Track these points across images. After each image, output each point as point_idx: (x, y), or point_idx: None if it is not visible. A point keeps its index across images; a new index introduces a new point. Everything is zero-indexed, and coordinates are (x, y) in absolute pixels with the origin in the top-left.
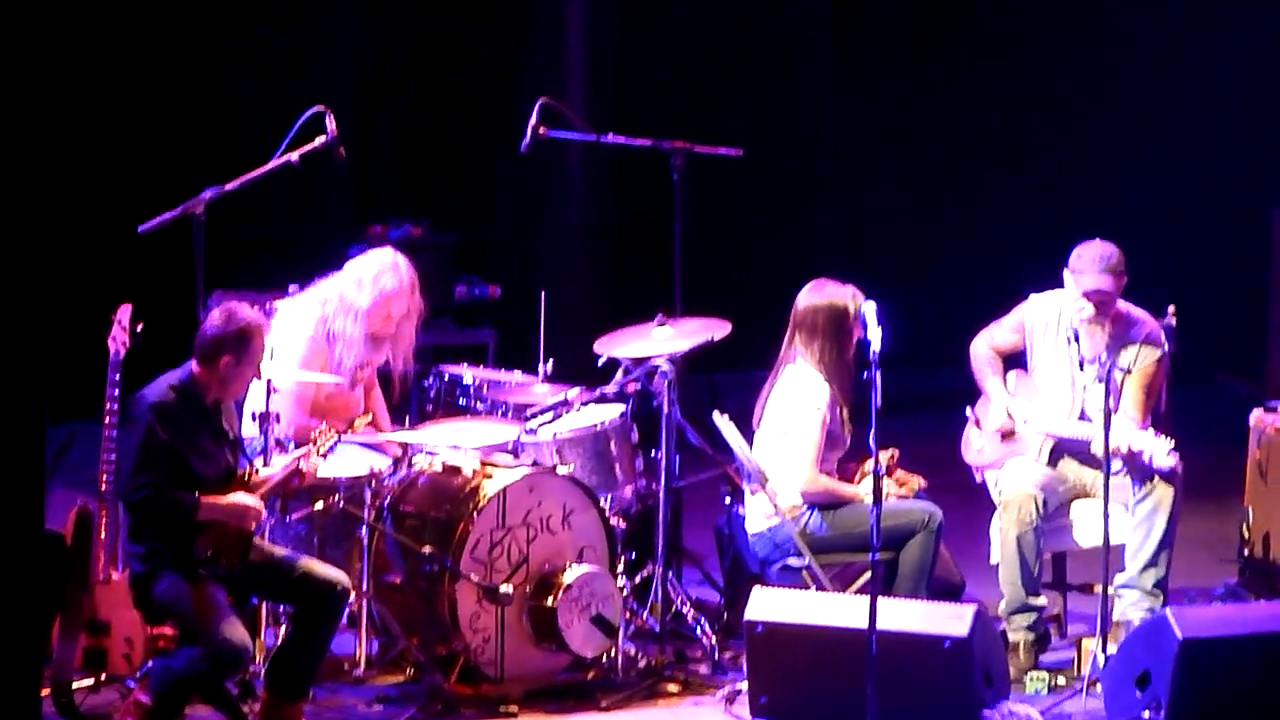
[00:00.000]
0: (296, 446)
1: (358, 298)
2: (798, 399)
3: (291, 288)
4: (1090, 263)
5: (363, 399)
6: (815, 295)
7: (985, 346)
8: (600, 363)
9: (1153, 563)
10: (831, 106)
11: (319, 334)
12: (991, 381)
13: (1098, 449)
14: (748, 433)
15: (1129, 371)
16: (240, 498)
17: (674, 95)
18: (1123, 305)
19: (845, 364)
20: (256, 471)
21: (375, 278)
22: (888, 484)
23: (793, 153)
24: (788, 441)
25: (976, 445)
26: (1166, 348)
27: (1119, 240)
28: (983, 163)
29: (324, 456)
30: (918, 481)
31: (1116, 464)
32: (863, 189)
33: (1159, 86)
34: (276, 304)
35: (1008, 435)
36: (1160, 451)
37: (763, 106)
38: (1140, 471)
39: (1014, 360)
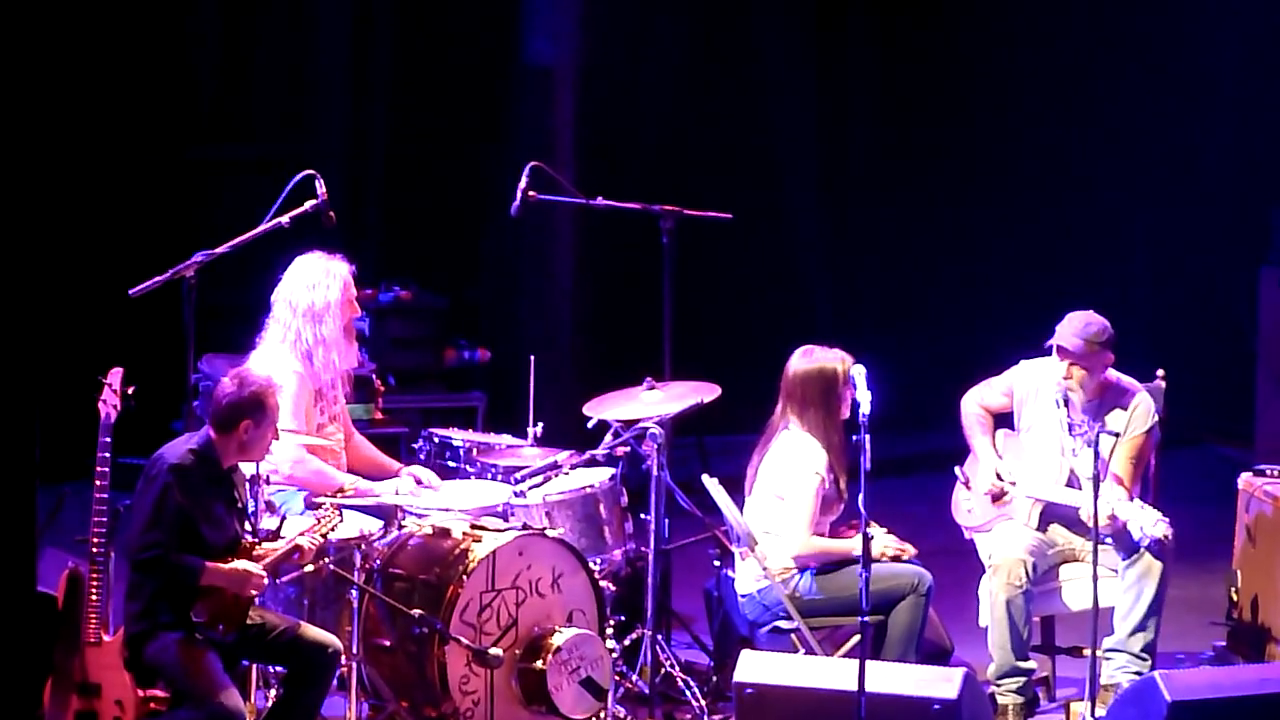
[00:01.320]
0: (307, 499)
1: (323, 296)
2: (794, 463)
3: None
4: (1068, 326)
5: (344, 443)
6: (805, 362)
7: (975, 404)
8: (589, 425)
9: (1141, 627)
10: (820, 170)
11: (298, 364)
12: (980, 441)
13: (1086, 516)
14: (737, 496)
15: (1118, 436)
16: (244, 565)
17: (662, 159)
18: (1113, 374)
19: (838, 428)
20: (259, 544)
21: (324, 272)
22: (883, 540)
23: (781, 217)
24: (782, 506)
25: (966, 505)
26: (1157, 419)
27: (1107, 303)
28: (972, 228)
29: (325, 538)
30: (909, 549)
31: (1105, 534)
32: (851, 253)
33: (1147, 151)
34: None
35: (997, 497)
36: (1149, 522)
37: (749, 170)
38: (1128, 541)
39: (1002, 419)
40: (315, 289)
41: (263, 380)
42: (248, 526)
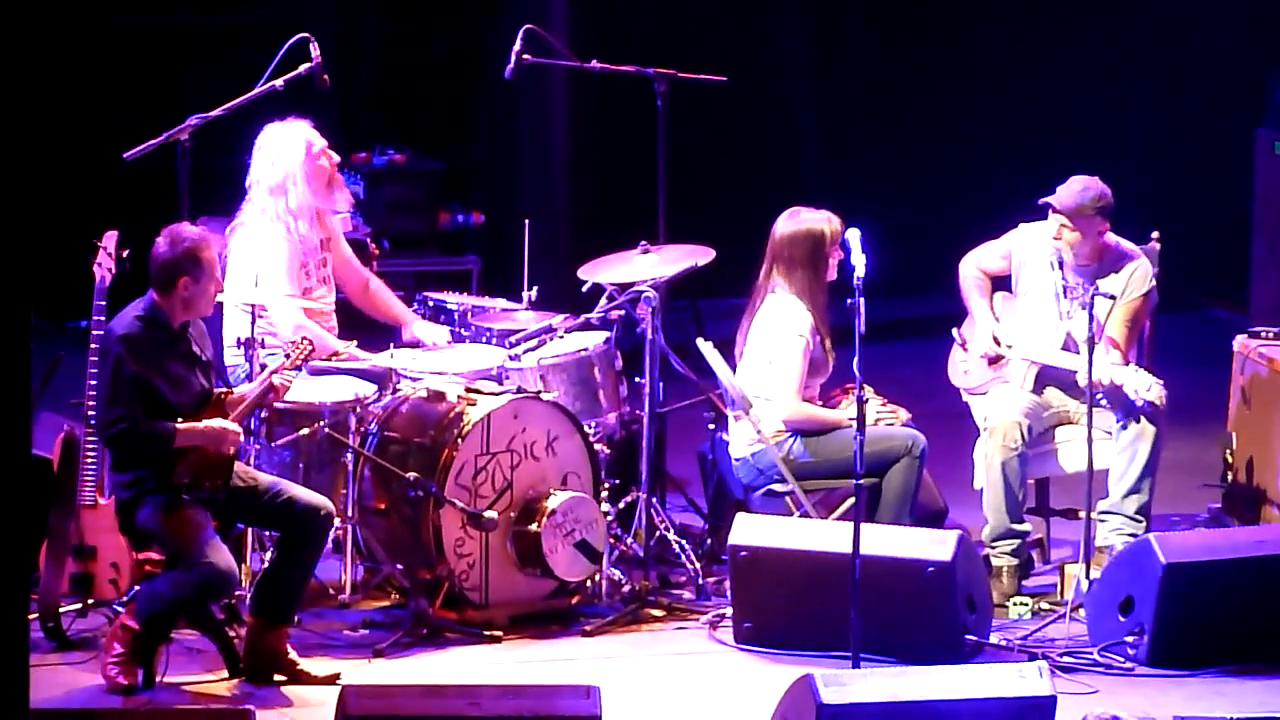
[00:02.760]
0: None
1: (287, 164)
2: (779, 327)
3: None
4: (1066, 188)
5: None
6: (791, 223)
7: (973, 267)
8: (584, 289)
9: (1135, 489)
10: (814, 33)
11: (284, 231)
12: (978, 303)
13: (1082, 379)
14: (730, 359)
15: (1114, 299)
16: (217, 422)
17: (658, 22)
18: (1112, 238)
19: (824, 290)
20: (231, 392)
21: (285, 138)
22: (876, 404)
23: (776, 79)
24: (771, 369)
25: (963, 367)
26: (1154, 282)
27: (1104, 167)
28: (967, 90)
29: (297, 369)
30: (903, 413)
31: (1100, 396)
32: (845, 116)
33: (1145, 12)
34: (227, 239)
35: (993, 360)
36: (1144, 387)
37: (744, 33)
38: (1123, 405)
39: (1000, 283)
40: (275, 164)
41: (196, 235)
42: (219, 380)
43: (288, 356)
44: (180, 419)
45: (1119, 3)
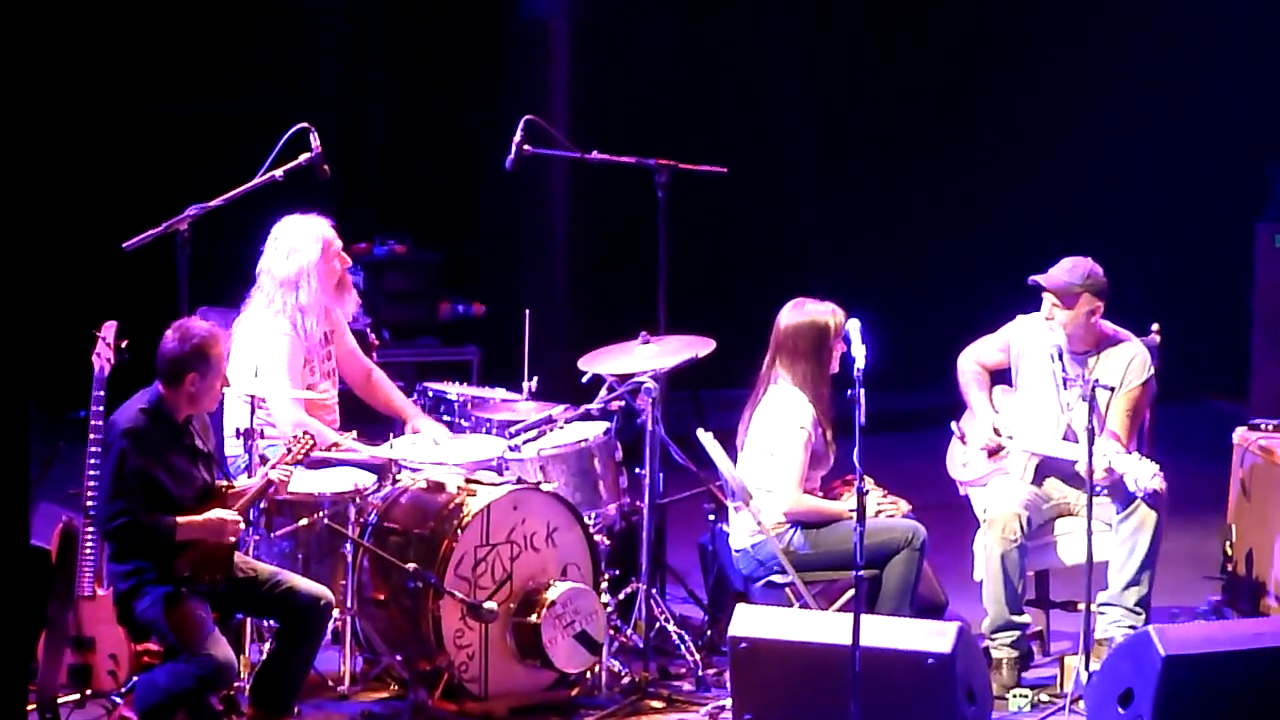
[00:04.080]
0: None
1: (302, 259)
2: (781, 419)
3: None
4: (1056, 266)
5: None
6: (796, 314)
7: (972, 362)
8: (584, 380)
9: (1135, 581)
10: (815, 124)
11: (289, 327)
12: (977, 397)
13: (1082, 469)
14: (731, 450)
15: (1113, 390)
16: (216, 514)
17: (658, 114)
18: (1109, 326)
19: (827, 382)
20: (233, 486)
21: (303, 234)
22: (877, 497)
23: (776, 171)
24: (772, 461)
25: (961, 460)
26: (1153, 370)
27: (1104, 258)
28: (967, 182)
29: (299, 463)
30: (903, 505)
31: (1100, 486)
32: (846, 207)
33: (1144, 106)
34: (234, 329)
35: (993, 453)
36: (1145, 475)
37: (745, 124)
38: (1123, 494)
39: (999, 377)
40: (291, 256)
41: (205, 331)
42: (221, 473)
43: (288, 451)
44: (182, 513)
45: (1118, 97)
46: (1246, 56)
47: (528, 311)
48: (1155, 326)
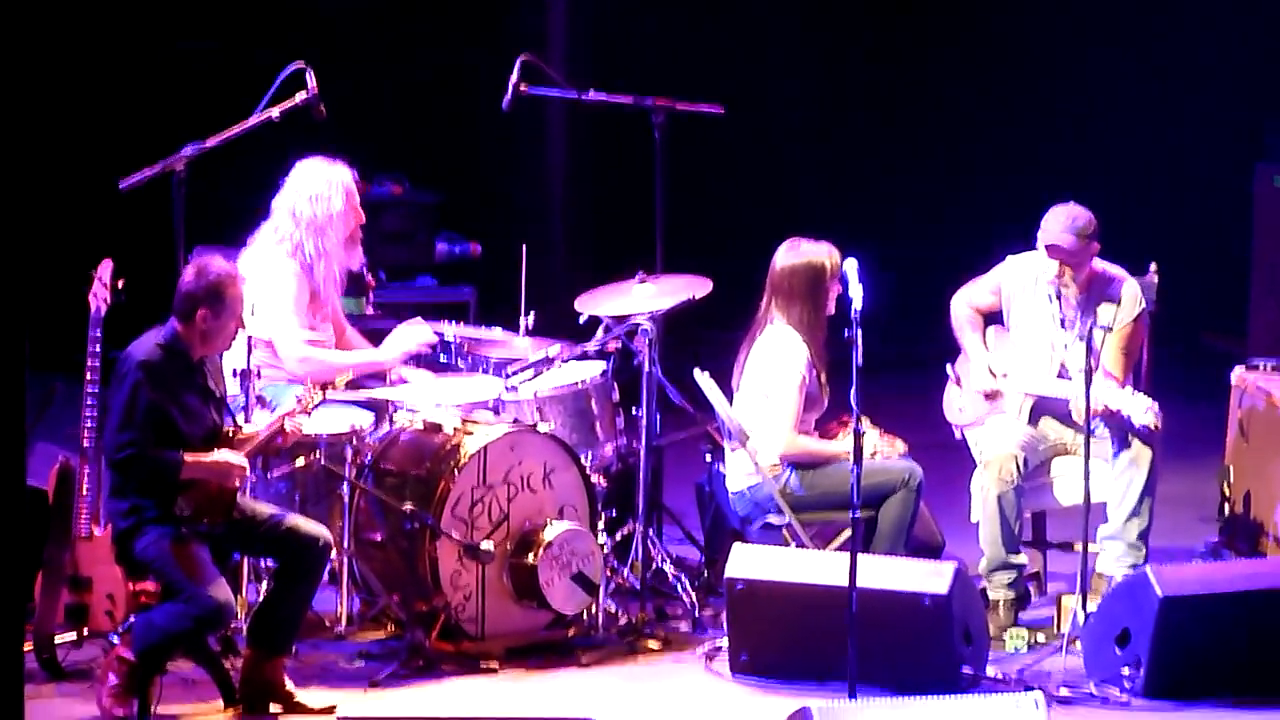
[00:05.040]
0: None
1: (328, 206)
2: (776, 361)
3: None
4: (1054, 222)
5: (334, 336)
6: (791, 255)
7: (964, 305)
8: (581, 320)
9: (1135, 513)
10: (814, 63)
11: (298, 267)
12: (971, 338)
13: (1078, 408)
14: (728, 391)
15: (1109, 329)
16: (225, 455)
17: (656, 53)
18: (1099, 264)
19: (822, 324)
20: (240, 430)
21: (327, 183)
22: (874, 438)
23: (774, 110)
24: (767, 404)
25: (957, 404)
26: (1146, 305)
27: (1102, 200)
28: (966, 122)
29: (309, 414)
30: (900, 444)
31: (1097, 423)
32: (843, 146)
33: (1144, 46)
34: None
35: (989, 395)
36: (1139, 410)
37: (742, 64)
38: (1120, 431)
39: (992, 318)
40: (318, 201)
41: (223, 270)
42: (229, 417)
43: (299, 401)
44: (190, 451)
45: (1117, 37)
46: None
47: (524, 249)
48: (1153, 266)
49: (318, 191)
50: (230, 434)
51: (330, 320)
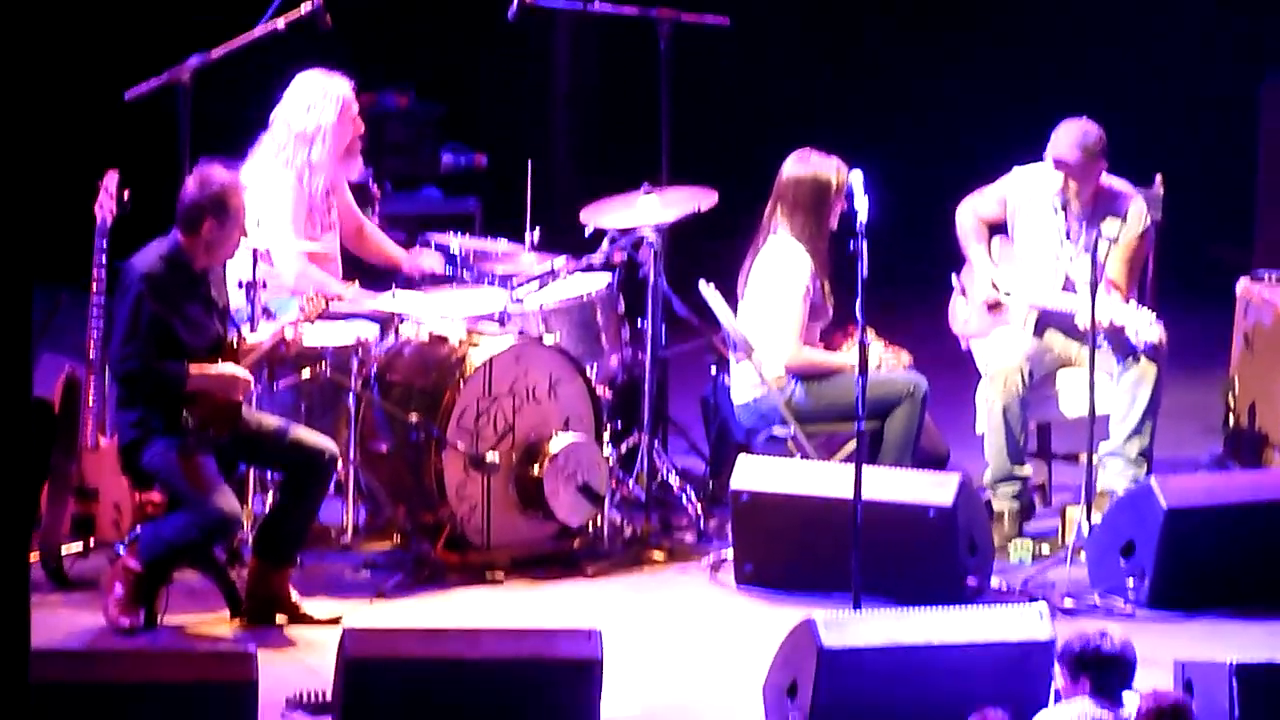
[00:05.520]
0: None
1: (320, 118)
2: (779, 272)
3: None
4: (1064, 137)
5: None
6: (799, 166)
7: (970, 215)
8: (587, 232)
9: (1137, 431)
10: None
11: (294, 179)
12: (976, 249)
13: (1082, 321)
14: (733, 303)
15: (1114, 241)
16: (228, 368)
17: None
18: (1106, 179)
19: (826, 236)
20: (244, 340)
21: (323, 93)
22: (879, 350)
23: (780, 21)
24: (771, 315)
25: (963, 315)
26: (1151, 220)
27: (1107, 113)
28: (972, 33)
29: (311, 323)
30: (905, 355)
31: (1101, 337)
32: (850, 58)
33: None
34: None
35: (994, 306)
36: (1144, 324)
37: None
38: (1124, 345)
39: (998, 228)
40: (310, 111)
41: (226, 179)
42: (234, 328)
43: (301, 310)
44: (194, 361)
45: None
46: None
47: (530, 163)
48: (1158, 178)
49: (312, 102)
50: (234, 345)
51: (333, 227)
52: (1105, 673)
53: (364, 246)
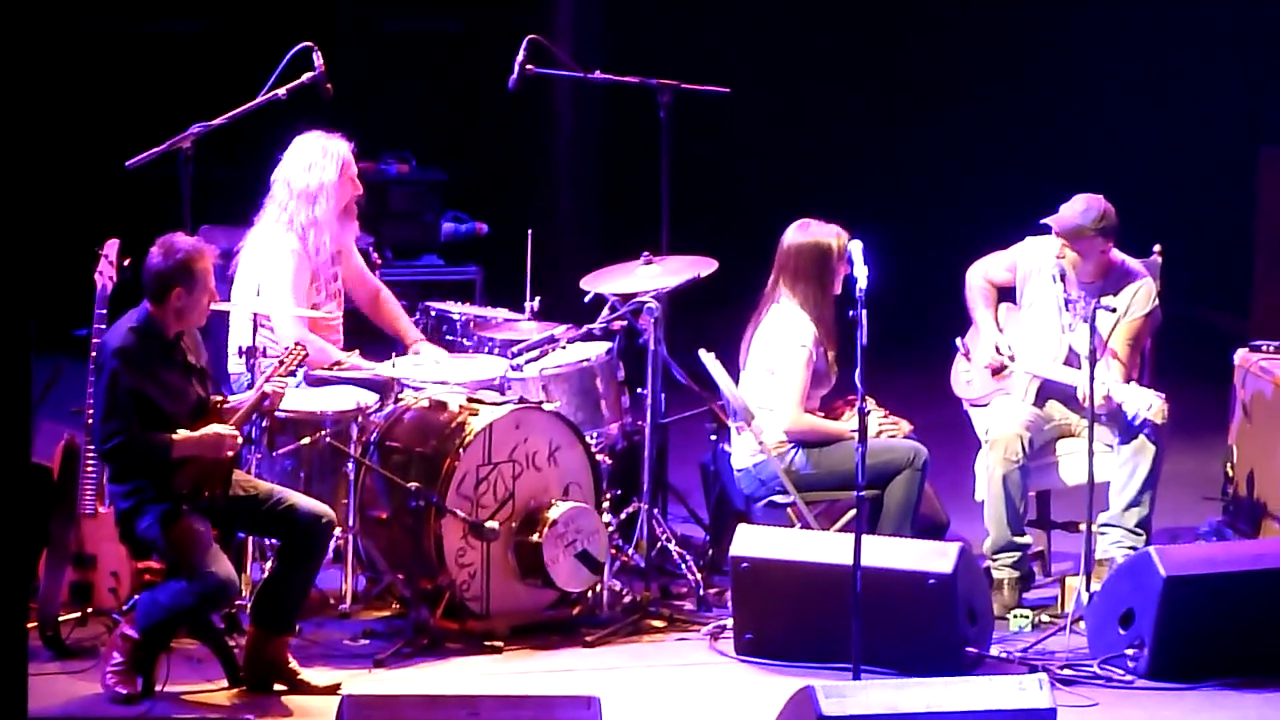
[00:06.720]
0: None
1: (320, 176)
2: (783, 338)
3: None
4: (1067, 208)
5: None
6: (800, 235)
7: (980, 277)
8: (587, 300)
9: (1136, 502)
10: (821, 45)
11: (297, 244)
12: (982, 313)
13: (1083, 396)
14: (733, 370)
15: (1120, 317)
16: (213, 428)
17: (663, 33)
18: (1118, 255)
19: (829, 303)
20: (227, 400)
21: (323, 152)
22: (878, 416)
23: (780, 91)
24: (773, 380)
25: (965, 377)
26: (1158, 303)
27: (1108, 178)
28: (971, 103)
29: (291, 374)
30: (905, 425)
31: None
32: (850, 127)
33: (1150, 26)
34: (242, 242)
35: (997, 370)
36: (1143, 405)
37: (749, 45)
38: (1123, 422)
39: (1006, 295)
40: (311, 170)
41: (189, 246)
42: (225, 389)
43: (281, 363)
44: (177, 429)
45: (1121, 17)
46: None
47: (530, 231)
48: (1157, 248)
49: (313, 161)
50: (218, 405)
51: (337, 296)
52: None
53: (379, 314)
